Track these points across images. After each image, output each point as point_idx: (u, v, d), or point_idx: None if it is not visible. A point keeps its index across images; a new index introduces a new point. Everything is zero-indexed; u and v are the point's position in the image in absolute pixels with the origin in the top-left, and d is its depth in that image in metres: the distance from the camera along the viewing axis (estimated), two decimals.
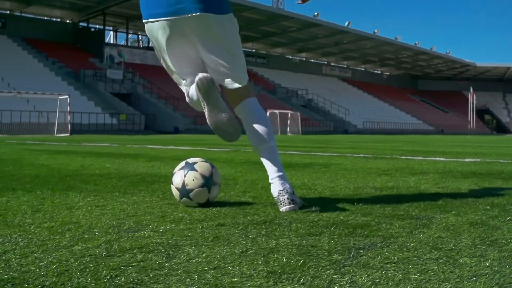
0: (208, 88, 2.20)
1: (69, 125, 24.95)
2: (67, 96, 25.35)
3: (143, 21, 2.33)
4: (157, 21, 2.26)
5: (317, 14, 46.88)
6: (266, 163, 2.33)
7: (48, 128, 25.49)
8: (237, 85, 2.31)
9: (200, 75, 2.22)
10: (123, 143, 11.48)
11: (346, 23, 50.17)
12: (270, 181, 2.30)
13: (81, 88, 34.82)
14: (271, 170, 2.31)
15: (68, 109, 25.31)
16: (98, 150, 7.81)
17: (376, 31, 53.46)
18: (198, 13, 2.16)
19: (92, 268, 1.32)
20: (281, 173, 2.30)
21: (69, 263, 1.37)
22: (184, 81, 2.46)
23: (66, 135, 23.16)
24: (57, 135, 23.45)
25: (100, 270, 1.30)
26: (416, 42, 59.50)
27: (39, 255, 1.45)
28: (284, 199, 2.18)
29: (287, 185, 2.26)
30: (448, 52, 64.82)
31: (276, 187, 2.25)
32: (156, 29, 2.29)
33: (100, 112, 31.64)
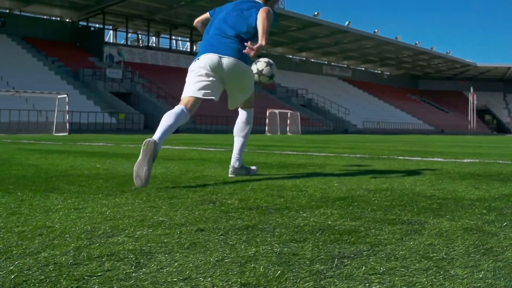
0: (151, 150, 3.06)
1: (67, 124, 24.84)
2: (65, 95, 25.25)
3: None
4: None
5: (317, 13, 46.77)
6: (236, 147, 3.75)
7: (47, 127, 25.39)
8: (246, 97, 3.73)
9: (147, 140, 3.10)
10: (118, 142, 11.38)
11: (346, 23, 50.05)
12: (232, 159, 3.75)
13: (80, 87, 34.71)
14: (238, 152, 3.75)
15: (67, 108, 25.21)
16: (92, 150, 7.72)
17: (376, 30, 53.33)
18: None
19: (54, 278, 1.22)
20: (238, 156, 3.74)
21: (30, 272, 1.27)
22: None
23: (64, 134, 23.06)
24: (56, 134, 23.34)
25: (61, 280, 1.20)
26: (417, 42, 59.35)
27: (0, 263, 1.35)
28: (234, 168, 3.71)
29: (238, 163, 3.73)
30: (448, 52, 64.66)
31: (234, 162, 3.74)
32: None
33: (99, 111, 31.54)
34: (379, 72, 73.00)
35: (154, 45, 49.19)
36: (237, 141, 3.73)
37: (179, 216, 2.04)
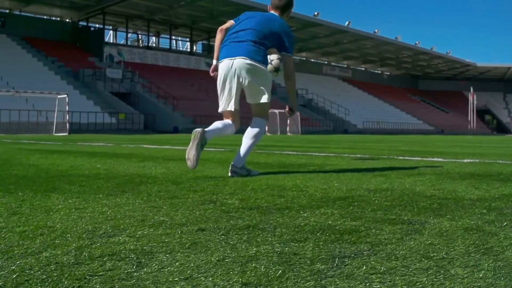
0: (198, 137, 3.55)
1: (67, 124, 24.85)
2: (65, 95, 25.25)
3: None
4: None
5: (317, 13, 46.77)
6: (242, 149, 3.78)
7: (47, 127, 25.40)
8: (261, 101, 3.84)
9: (196, 130, 3.58)
10: (119, 142, 11.38)
11: (346, 23, 50.06)
12: (234, 159, 3.78)
13: (80, 87, 34.72)
14: (242, 153, 3.77)
15: (67, 108, 25.22)
16: (92, 150, 7.72)
17: (376, 30, 53.34)
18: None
19: (55, 278, 1.23)
20: (241, 157, 3.76)
21: (32, 272, 1.28)
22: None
23: (64, 134, 23.07)
24: (56, 134, 23.35)
25: (63, 280, 1.21)
26: (417, 42, 59.36)
27: (2, 263, 1.35)
28: (236, 167, 3.73)
29: (241, 163, 3.75)
30: (448, 52, 64.67)
31: (236, 161, 3.76)
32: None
33: (99, 111, 31.54)
34: (379, 72, 73.00)
35: (154, 45, 49.20)
36: (244, 144, 3.83)
37: (180, 216, 2.04)
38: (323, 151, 7.74)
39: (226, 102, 3.79)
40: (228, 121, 3.85)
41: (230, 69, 3.69)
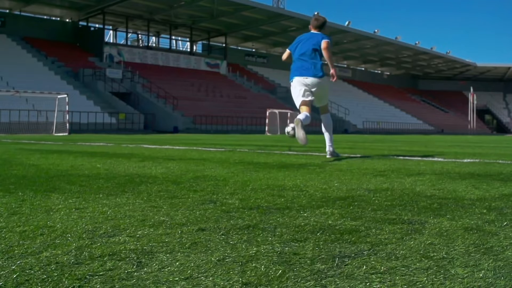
0: (300, 123, 5.20)
1: (67, 124, 24.84)
2: (65, 95, 25.24)
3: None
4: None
5: (317, 13, 46.73)
6: (326, 139, 5.75)
7: (47, 127, 25.37)
8: (323, 104, 5.89)
9: (296, 119, 5.29)
10: (119, 142, 11.38)
11: (346, 23, 50.03)
12: (327, 146, 5.73)
13: (80, 87, 34.69)
14: (328, 143, 5.73)
15: (67, 108, 25.19)
16: (92, 150, 7.72)
17: (376, 30, 53.30)
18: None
19: (56, 277, 1.23)
20: (330, 144, 5.72)
21: (32, 271, 1.28)
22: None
23: (64, 134, 23.06)
24: (56, 134, 23.34)
25: (64, 280, 1.21)
26: (417, 42, 59.34)
27: (2, 263, 1.36)
28: (330, 151, 5.72)
29: (332, 148, 5.73)
30: (448, 52, 64.61)
31: (329, 148, 5.71)
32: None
33: (99, 111, 31.52)
34: (379, 72, 72.98)
35: (154, 45, 49.19)
36: (327, 135, 5.80)
37: (180, 215, 2.04)
38: (323, 151, 7.73)
39: (304, 95, 5.56)
40: (305, 113, 5.40)
41: (303, 83, 5.56)
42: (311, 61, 5.55)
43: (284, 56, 6.00)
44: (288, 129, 5.36)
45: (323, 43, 5.54)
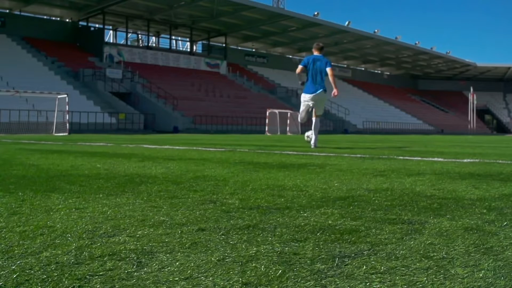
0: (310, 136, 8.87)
1: (67, 124, 24.83)
2: (65, 95, 25.23)
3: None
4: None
5: (317, 13, 46.78)
6: (313, 138, 8.59)
7: (46, 127, 25.36)
8: (319, 114, 8.86)
9: (305, 134, 9.25)
10: (119, 142, 11.38)
11: (346, 23, 50.06)
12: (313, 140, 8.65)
13: (80, 87, 34.70)
14: (314, 139, 8.59)
15: (67, 108, 25.19)
16: (92, 150, 7.72)
17: (376, 30, 53.34)
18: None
19: (56, 277, 1.23)
20: (314, 140, 8.59)
21: (32, 271, 1.28)
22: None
23: (64, 134, 23.06)
24: (56, 134, 23.34)
25: (63, 280, 1.21)
26: (417, 42, 59.38)
27: (2, 263, 1.36)
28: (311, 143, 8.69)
29: (315, 142, 8.63)
30: (448, 52, 64.65)
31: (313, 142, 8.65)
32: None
33: (99, 111, 31.53)
34: (379, 72, 73.01)
35: (154, 45, 49.20)
36: (314, 134, 8.46)
37: (180, 215, 2.04)
38: (323, 151, 7.74)
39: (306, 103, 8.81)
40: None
41: (312, 97, 8.52)
42: (322, 81, 8.49)
43: (298, 70, 8.61)
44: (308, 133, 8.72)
45: (329, 70, 8.49)
